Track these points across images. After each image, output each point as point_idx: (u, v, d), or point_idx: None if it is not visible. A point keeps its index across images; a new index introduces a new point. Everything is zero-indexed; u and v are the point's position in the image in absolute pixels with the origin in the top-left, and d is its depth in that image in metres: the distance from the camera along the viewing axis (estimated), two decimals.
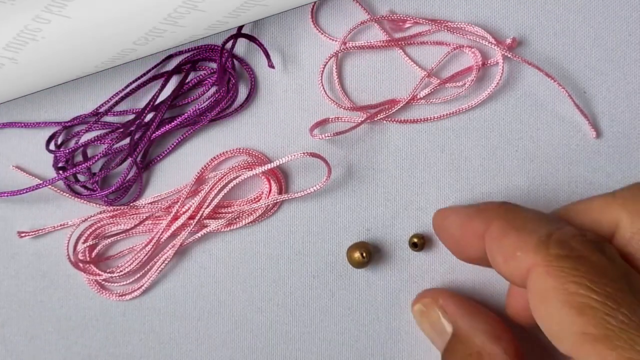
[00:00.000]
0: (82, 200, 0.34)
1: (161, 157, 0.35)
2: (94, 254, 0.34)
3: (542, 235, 0.24)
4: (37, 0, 0.28)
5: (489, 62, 0.34)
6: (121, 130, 0.33)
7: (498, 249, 0.25)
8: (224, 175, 0.34)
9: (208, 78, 0.34)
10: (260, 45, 0.34)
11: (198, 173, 0.34)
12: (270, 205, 0.34)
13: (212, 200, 0.34)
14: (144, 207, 0.34)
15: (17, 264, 0.35)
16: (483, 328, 0.29)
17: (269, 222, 0.35)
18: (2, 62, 0.28)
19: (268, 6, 0.30)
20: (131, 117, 0.34)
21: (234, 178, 0.34)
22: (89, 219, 0.34)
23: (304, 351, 0.34)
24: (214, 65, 0.35)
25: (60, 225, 0.34)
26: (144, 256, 0.34)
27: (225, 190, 0.33)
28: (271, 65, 0.34)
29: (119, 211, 0.34)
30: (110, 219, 0.34)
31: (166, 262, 0.34)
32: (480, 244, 0.27)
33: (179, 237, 0.34)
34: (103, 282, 0.34)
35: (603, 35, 0.35)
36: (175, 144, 0.34)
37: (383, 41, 0.34)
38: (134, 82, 0.34)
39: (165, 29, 0.29)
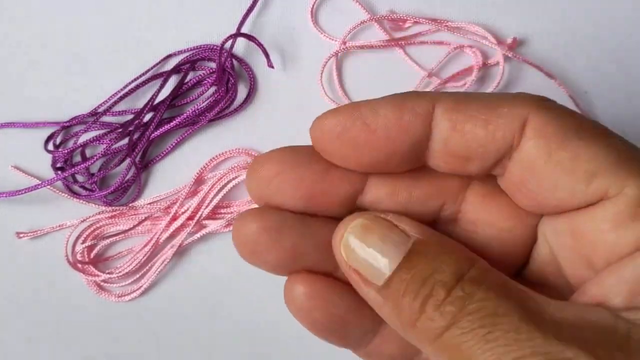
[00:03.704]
0: (81, 201, 0.34)
1: (160, 157, 0.34)
2: (92, 255, 0.34)
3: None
4: None
5: (489, 62, 0.34)
6: (120, 130, 0.33)
7: None
8: (223, 176, 0.34)
9: (207, 78, 0.34)
10: (260, 45, 0.33)
11: (197, 173, 0.34)
12: None
13: (211, 201, 0.33)
14: (142, 207, 0.34)
15: (15, 265, 0.34)
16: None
17: None
18: None
19: None
20: (130, 117, 0.34)
21: (234, 178, 0.34)
22: (87, 220, 0.34)
23: (304, 351, 0.34)
24: (213, 65, 0.34)
25: (59, 225, 0.34)
26: (143, 257, 0.33)
27: (224, 191, 0.33)
28: (270, 65, 0.33)
29: (117, 212, 0.34)
30: (109, 220, 0.34)
31: (165, 262, 0.34)
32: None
33: (178, 238, 0.33)
34: (102, 283, 0.34)
35: (604, 35, 0.34)
36: (174, 144, 0.34)
37: (383, 41, 0.34)
38: (132, 82, 0.34)
39: None
